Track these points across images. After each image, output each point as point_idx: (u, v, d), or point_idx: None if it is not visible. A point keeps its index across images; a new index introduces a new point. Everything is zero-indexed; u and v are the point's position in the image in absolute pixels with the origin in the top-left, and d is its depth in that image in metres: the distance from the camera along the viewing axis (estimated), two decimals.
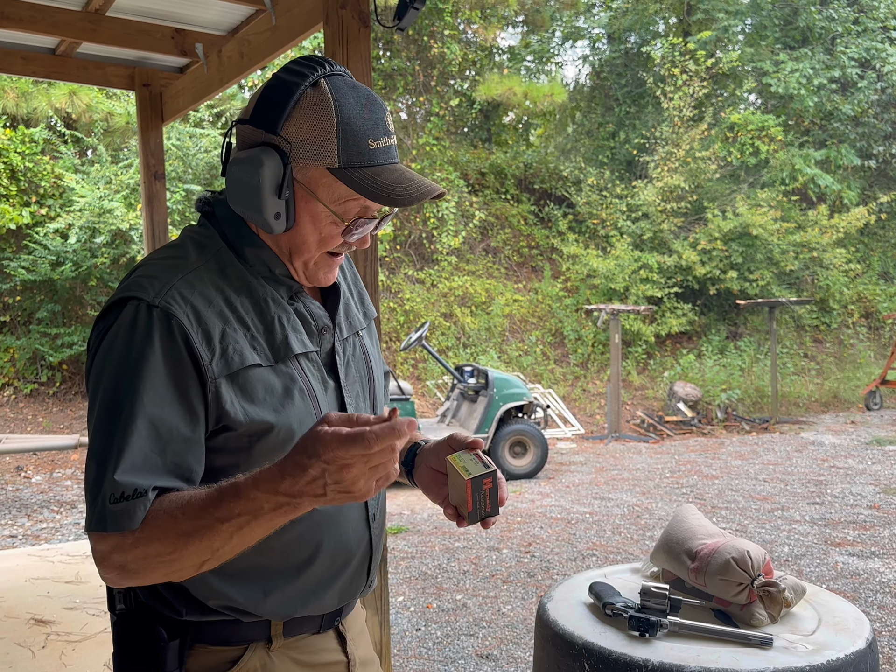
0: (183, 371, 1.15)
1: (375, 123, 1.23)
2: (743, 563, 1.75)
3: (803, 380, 13.84)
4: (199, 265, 1.24)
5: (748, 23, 17.38)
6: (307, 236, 1.25)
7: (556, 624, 1.77)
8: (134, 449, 1.11)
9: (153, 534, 1.08)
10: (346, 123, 1.20)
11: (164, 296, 1.16)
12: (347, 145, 1.20)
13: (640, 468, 8.88)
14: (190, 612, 1.26)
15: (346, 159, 1.20)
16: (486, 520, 1.26)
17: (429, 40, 15.00)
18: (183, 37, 4.18)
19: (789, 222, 14.60)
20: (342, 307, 1.40)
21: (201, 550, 1.08)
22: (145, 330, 1.14)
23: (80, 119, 11.39)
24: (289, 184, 1.22)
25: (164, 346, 1.14)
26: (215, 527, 1.05)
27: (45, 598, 3.87)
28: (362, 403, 1.38)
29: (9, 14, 3.72)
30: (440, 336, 13.03)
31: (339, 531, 1.31)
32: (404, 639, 4.37)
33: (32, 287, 10.82)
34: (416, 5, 2.74)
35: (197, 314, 1.17)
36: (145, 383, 1.13)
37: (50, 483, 8.27)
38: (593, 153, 17.06)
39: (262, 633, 1.30)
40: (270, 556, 1.25)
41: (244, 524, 1.04)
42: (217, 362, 1.17)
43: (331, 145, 1.20)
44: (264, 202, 1.20)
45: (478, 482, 1.24)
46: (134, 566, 1.10)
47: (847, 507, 6.95)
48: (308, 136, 1.21)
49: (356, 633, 1.47)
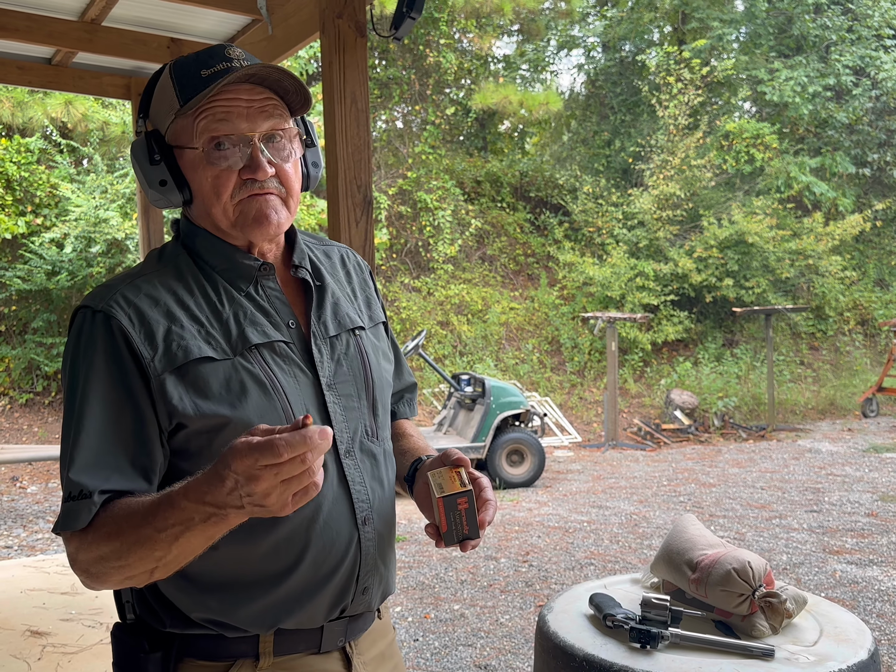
0: (126, 370, 1.17)
1: (210, 56, 1.27)
2: (744, 574, 1.74)
3: (800, 387, 13.85)
4: (151, 271, 1.28)
5: (743, 31, 17.44)
6: (201, 188, 1.26)
7: (557, 636, 1.76)
8: (83, 449, 1.14)
9: (101, 538, 1.10)
10: (179, 69, 1.28)
11: (107, 300, 1.20)
12: (182, 84, 1.25)
13: (638, 476, 8.87)
14: (174, 623, 1.24)
15: (184, 96, 1.25)
16: (465, 542, 1.23)
17: (424, 49, 15.04)
18: (179, 46, 4.18)
19: (785, 230, 14.62)
20: (329, 305, 1.37)
21: (145, 559, 1.08)
22: (89, 335, 1.19)
23: (76, 129, 11.39)
24: (159, 149, 1.27)
25: (106, 348, 1.17)
26: (154, 536, 1.05)
27: (41, 609, 3.84)
28: (355, 404, 1.34)
29: (4, 24, 3.72)
30: (437, 344, 13.03)
31: (322, 536, 1.25)
32: (402, 649, 4.35)
33: (28, 297, 10.80)
34: (412, 15, 2.74)
35: (140, 314, 1.20)
36: (91, 385, 1.16)
37: (45, 493, 8.24)
38: (589, 161, 17.10)
39: (249, 649, 1.26)
40: (252, 564, 1.23)
41: (179, 534, 1.03)
42: (160, 359, 1.18)
43: (171, 94, 1.26)
44: (146, 175, 1.27)
45: (451, 501, 1.20)
46: (93, 569, 1.12)
47: (845, 514, 6.95)
48: (159, 102, 1.30)
49: (371, 656, 1.40)
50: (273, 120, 1.26)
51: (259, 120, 1.24)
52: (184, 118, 1.25)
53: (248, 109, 1.24)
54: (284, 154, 1.28)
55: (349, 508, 1.29)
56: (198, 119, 1.23)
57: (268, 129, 1.25)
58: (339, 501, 1.28)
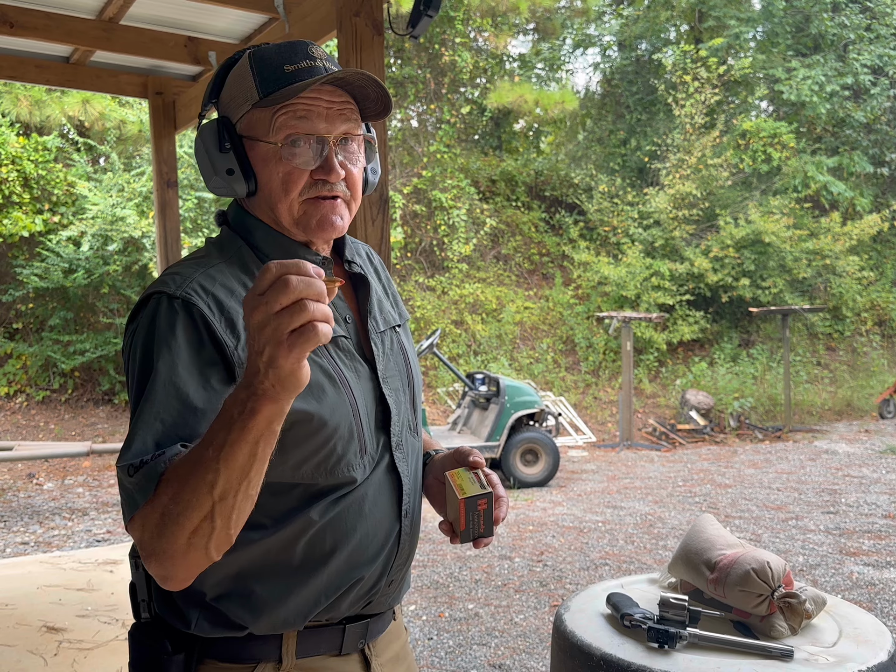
0: (207, 357, 1.14)
1: (293, 51, 1.25)
2: (763, 574, 1.73)
3: (816, 388, 13.77)
4: (220, 261, 1.26)
5: (760, 30, 17.36)
6: (269, 182, 1.25)
7: (574, 635, 1.75)
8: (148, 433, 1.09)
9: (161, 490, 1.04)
10: (260, 61, 1.25)
11: (185, 287, 1.17)
12: (264, 77, 1.23)
13: (653, 477, 8.84)
14: (199, 625, 1.23)
15: (264, 88, 1.23)
16: (479, 540, 1.27)
17: (440, 48, 15.04)
18: (196, 45, 4.19)
19: (802, 229, 14.55)
20: (374, 301, 1.38)
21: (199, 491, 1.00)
22: (167, 320, 1.15)
23: (93, 127, 11.45)
24: (230, 137, 1.25)
25: (187, 334, 1.14)
26: (202, 456, 1.00)
27: (57, 605, 3.86)
28: (402, 398, 1.36)
29: (23, 23, 3.74)
30: (451, 343, 13.02)
31: (367, 524, 1.26)
32: (416, 648, 4.34)
33: (45, 294, 10.87)
34: (429, 13, 2.74)
35: (219, 303, 1.18)
36: (172, 371, 1.12)
37: (62, 490, 8.28)
38: (604, 160, 17.06)
39: (272, 651, 1.25)
40: (294, 552, 1.22)
41: (223, 442, 0.98)
42: (243, 348, 1.16)
43: (250, 84, 1.24)
44: (213, 162, 1.25)
45: (472, 502, 1.24)
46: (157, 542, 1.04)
47: (862, 516, 6.90)
48: (234, 90, 1.27)
49: (387, 658, 1.39)
50: (349, 124, 1.26)
51: (337, 122, 1.25)
52: (261, 110, 1.24)
53: (329, 111, 1.24)
54: (354, 158, 1.29)
55: (395, 500, 1.31)
56: (277, 114, 1.22)
57: (343, 132, 1.26)
58: (385, 492, 1.30)
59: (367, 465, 1.27)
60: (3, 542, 6.46)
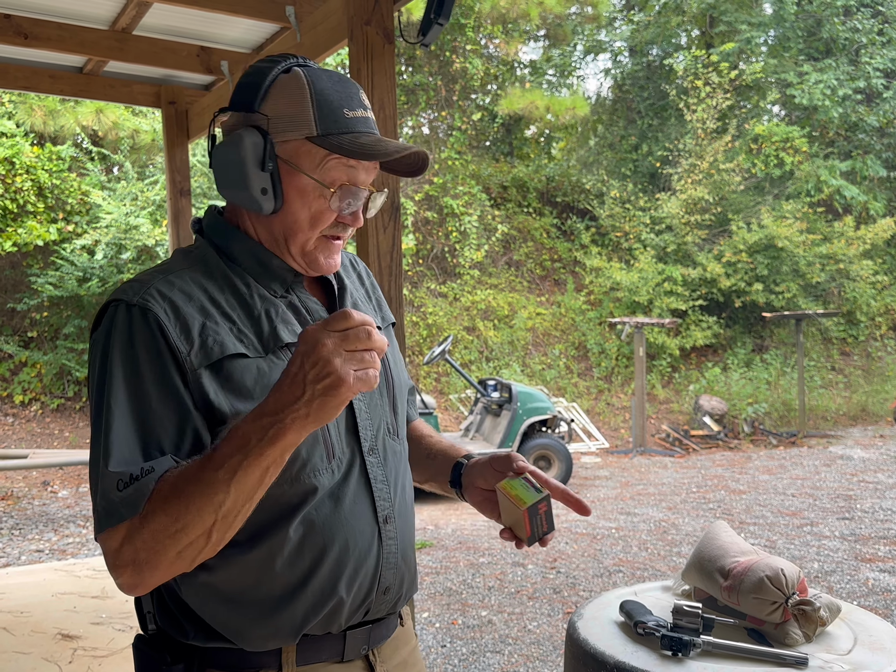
0: (164, 362, 1.16)
1: (350, 96, 1.26)
2: (777, 582, 1.72)
3: (831, 393, 13.70)
4: (181, 268, 1.27)
5: (771, 34, 17.31)
6: (297, 213, 1.26)
7: (587, 643, 1.75)
8: (126, 441, 1.12)
9: (156, 506, 1.07)
10: (321, 94, 1.23)
11: (142, 294, 1.19)
12: (324, 114, 1.23)
13: (666, 483, 8.81)
14: (197, 635, 1.24)
15: (323, 127, 1.23)
16: (544, 538, 1.31)
17: (451, 55, 15.07)
18: (208, 55, 4.22)
19: (815, 234, 14.49)
20: (350, 305, 1.39)
21: (203, 510, 1.05)
22: (125, 327, 1.17)
23: (107, 136, 11.53)
24: (271, 156, 1.23)
25: (144, 340, 1.16)
26: (212, 478, 1.04)
27: (72, 612, 3.88)
28: (378, 401, 1.36)
29: (37, 34, 3.77)
30: (463, 350, 13.02)
31: (345, 533, 1.25)
32: (429, 655, 4.34)
33: (59, 303, 10.93)
34: (440, 21, 2.74)
35: (175, 309, 1.19)
36: (130, 378, 1.15)
37: (76, 498, 8.32)
38: (616, 166, 17.04)
39: (271, 660, 1.25)
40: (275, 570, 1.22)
41: (237, 466, 1.03)
42: (196, 353, 1.17)
43: (307, 115, 1.23)
44: (249, 177, 1.23)
45: (534, 510, 1.28)
46: (144, 554, 1.07)
47: (877, 522, 6.85)
48: (285, 110, 1.23)
49: (394, 664, 1.39)
50: (374, 175, 1.31)
51: (371, 175, 1.30)
52: (313, 146, 1.24)
53: (369, 165, 1.28)
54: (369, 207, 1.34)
55: (370, 506, 1.30)
56: (330, 157, 1.24)
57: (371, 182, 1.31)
58: (360, 499, 1.29)
59: (335, 469, 1.25)
60: (19, 550, 6.50)
